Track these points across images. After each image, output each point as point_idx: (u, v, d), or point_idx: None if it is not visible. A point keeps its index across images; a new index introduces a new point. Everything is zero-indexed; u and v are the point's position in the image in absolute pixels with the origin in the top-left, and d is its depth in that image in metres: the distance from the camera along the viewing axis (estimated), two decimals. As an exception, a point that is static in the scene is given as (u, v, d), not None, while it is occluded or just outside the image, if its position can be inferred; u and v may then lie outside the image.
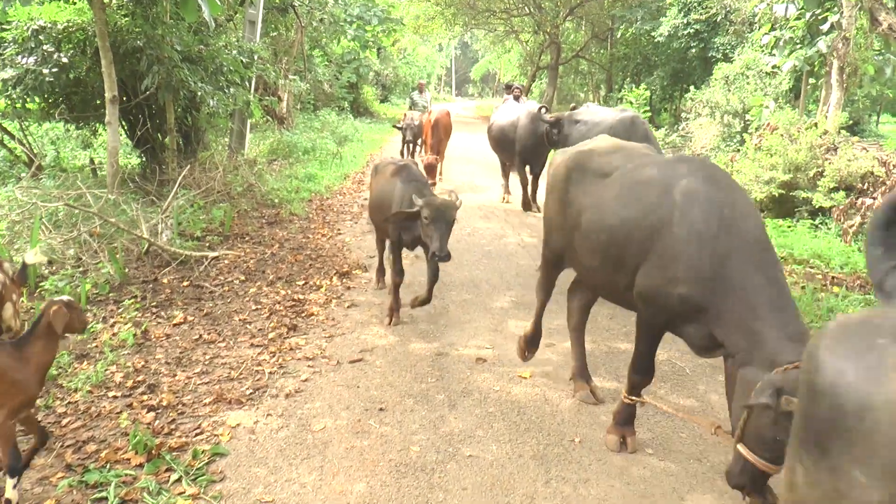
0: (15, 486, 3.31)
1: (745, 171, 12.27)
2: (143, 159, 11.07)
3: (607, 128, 7.66)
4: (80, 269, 7.00)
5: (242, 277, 7.25)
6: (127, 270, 7.16)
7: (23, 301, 6.04)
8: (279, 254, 8.23)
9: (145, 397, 4.59)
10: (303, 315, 6.26)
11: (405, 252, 6.57)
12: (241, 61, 11.03)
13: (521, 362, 5.32)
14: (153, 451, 3.88)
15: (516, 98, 12.68)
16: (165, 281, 7.06)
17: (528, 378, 5.12)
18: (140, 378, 4.87)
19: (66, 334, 3.62)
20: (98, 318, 5.91)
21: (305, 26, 17.11)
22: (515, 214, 11.18)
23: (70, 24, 9.74)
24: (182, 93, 9.68)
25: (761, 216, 3.86)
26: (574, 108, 9.54)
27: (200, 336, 5.67)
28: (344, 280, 7.35)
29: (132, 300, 6.31)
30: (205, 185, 10.20)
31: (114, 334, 5.58)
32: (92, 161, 11.58)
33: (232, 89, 10.80)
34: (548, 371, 5.28)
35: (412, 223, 5.76)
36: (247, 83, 11.62)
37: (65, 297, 3.49)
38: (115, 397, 4.60)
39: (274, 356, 5.33)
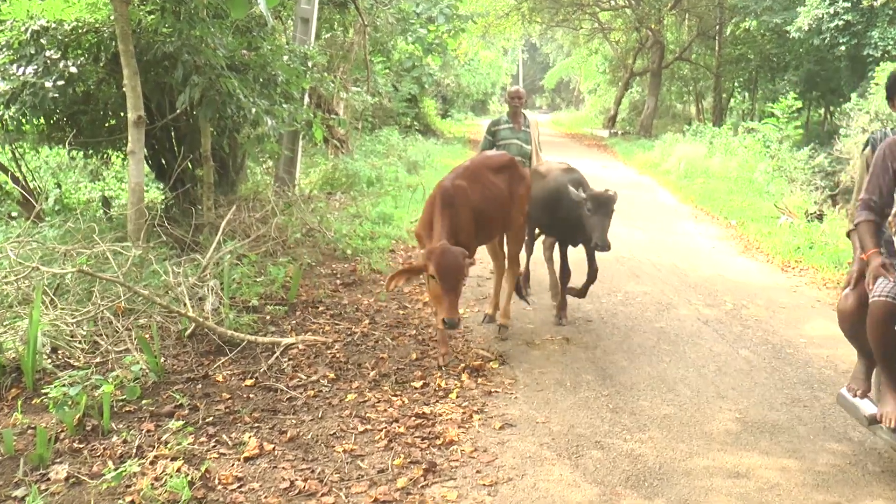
0: None
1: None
2: (168, 196, 10.00)
3: None
4: (98, 359, 5.84)
5: (331, 374, 5.99)
6: (164, 361, 5.98)
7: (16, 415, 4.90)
8: (373, 334, 6.98)
9: None
10: (438, 443, 4.93)
11: None
12: (299, 70, 9.93)
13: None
14: None
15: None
16: (220, 378, 5.84)
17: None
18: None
19: None
20: (131, 448, 4.66)
21: (368, 25, 16.06)
22: (669, 270, 9.84)
23: (80, 24, 8.76)
24: (229, 110, 8.57)
25: None
26: None
27: (291, 483, 4.35)
28: (479, 379, 6.05)
29: (179, 418, 5.06)
30: (253, 232, 9.07)
31: (157, 479, 4.31)
32: (105, 199, 10.55)
33: (287, 105, 9.70)
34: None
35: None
36: (307, 97, 10.53)
37: None
38: None
39: (414, 525, 4.00)
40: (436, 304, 5.99)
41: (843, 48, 22.49)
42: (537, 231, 8.57)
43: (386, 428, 5.13)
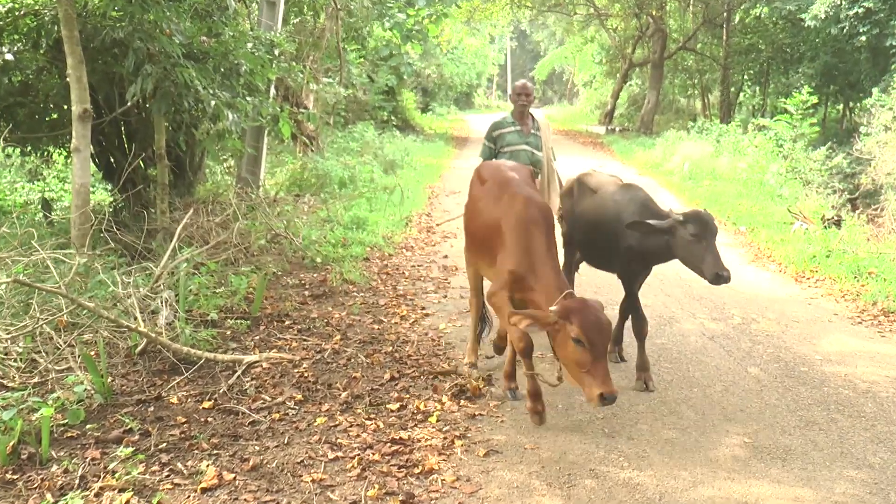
0: None
1: None
2: (117, 198, 9.96)
3: None
4: (36, 378, 5.81)
5: (299, 395, 5.99)
6: (112, 381, 5.95)
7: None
8: (345, 351, 6.99)
9: None
10: (416, 472, 4.94)
11: None
12: (265, 59, 9.93)
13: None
14: None
15: None
16: (175, 400, 5.83)
17: None
18: None
19: None
20: (73, 479, 4.63)
21: (341, 9, 16.08)
22: (672, 280, 9.85)
23: (17, 6, 8.77)
24: (186, 103, 8.56)
25: None
26: None
27: (253, 516, 4.36)
28: (461, 400, 6.07)
29: (128, 444, 5.03)
30: (213, 238, 9.05)
31: (104, 512, 4.30)
32: (45, 201, 10.52)
33: (251, 97, 9.70)
34: None
35: None
36: (274, 89, 10.54)
37: None
38: None
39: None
40: (579, 374, 5.04)
41: (863, 38, 22.44)
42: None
43: (359, 455, 5.11)
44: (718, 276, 6.05)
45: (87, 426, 5.30)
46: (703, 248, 6.09)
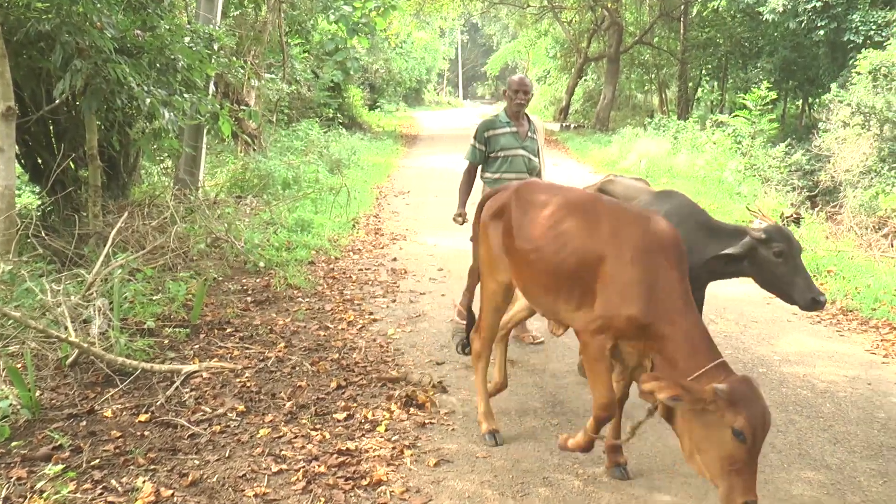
0: None
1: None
2: (45, 201, 9.82)
3: None
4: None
5: (241, 406, 5.96)
6: (40, 395, 5.88)
7: None
8: (289, 359, 6.97)
9: None
10: (364, 484, 4.94)
11: None
12: (203, 54, 9.87)
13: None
14: None
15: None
16: (109, 413, 5.77)
17: None
18: None
19: None
20: (-2, 499, 4.59)
21: (284, 1, 16.05)
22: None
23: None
24: (118, 101, 8.48)
25: None
26: None
27: (192, 534, 4.34)
28: (410, 409, 6.08)
29: (58, 461, 4.97)
30: (149, 243, 8.97)
31: (31, 533, 4.25)
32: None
33: (189, 94, 9.62)
34: None
35: None
36: (213, 86, 10.48)
37: None
38: None
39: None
40: (724, 469, 4.11)
41: (821, 32, 22.69)
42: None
43: (304, 467, 5.11)
44: (815, 302, 5.43)
45: (13, 443, 5.22)
46: (791, 268, 5.51)
